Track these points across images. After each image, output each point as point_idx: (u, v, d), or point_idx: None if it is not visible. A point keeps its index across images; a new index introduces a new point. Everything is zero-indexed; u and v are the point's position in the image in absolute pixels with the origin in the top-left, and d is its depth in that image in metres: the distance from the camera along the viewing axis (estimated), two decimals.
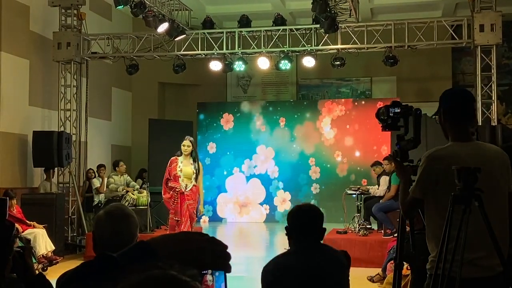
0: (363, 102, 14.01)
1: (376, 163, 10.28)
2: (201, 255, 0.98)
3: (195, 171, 7.83)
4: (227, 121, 14.26)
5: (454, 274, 2.67)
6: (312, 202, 13.39)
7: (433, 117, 3.06)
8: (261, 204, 14.10)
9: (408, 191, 3.00)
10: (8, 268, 2.04)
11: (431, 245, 2.98)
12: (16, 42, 10.62)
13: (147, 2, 10.02)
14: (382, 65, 11.49)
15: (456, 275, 2.60)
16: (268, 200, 14.07)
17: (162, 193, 8.13)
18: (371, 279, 7.48)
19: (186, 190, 7.81)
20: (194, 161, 7.89)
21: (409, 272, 5.57)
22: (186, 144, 7.85)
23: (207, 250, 0.99)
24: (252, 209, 14.13)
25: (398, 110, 3.04)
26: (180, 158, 7.87)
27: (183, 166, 7.84)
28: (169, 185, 7.88)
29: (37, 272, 2.27)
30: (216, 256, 1.00)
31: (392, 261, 6.99)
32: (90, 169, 11.94)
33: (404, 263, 6.16)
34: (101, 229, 2.51)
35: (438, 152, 2.98)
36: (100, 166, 11.87)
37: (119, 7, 9.20)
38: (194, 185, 7.86)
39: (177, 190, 7.83)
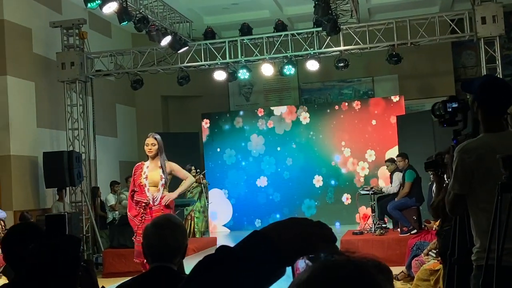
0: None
1: (390, 160, 10.26)
2: (312, 239, 1.00)
3: (163, 177, 6.11)
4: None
5: (505, 263, 2.68)
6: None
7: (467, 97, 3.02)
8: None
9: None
10: (77, 283, 2.06)
11: (475, 237, 2.99)
12: (21, 65, 10.65)
13: (150, 17, 10.06)
14: (383, 64, 11.51)
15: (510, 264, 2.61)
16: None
17: (128, 210, 6.42)
18: (396, 277, 7.47)
19: (155, 203, 6.08)
20: (163, 165, 6.15)
21: (439, 266, 5.57)
22: (150, 143, 6.10)
23: (316, 234, 1.01)
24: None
25: (456, 105, 3.01)
26: (146, 163, 6.20)
27: (149, 171, 6.12)
28: (135, 198, 6.16)
29: None
30: (325, 240, 1.01)
31: (416, 258, 7.01)
32: (96, 187, 11.87)
33: (435, 257, 6.17)
34: (149, 239, 2.61)
35: (469, 144, 2.97)
36: (113, 183, 11.85)
37: (123, 23, 9.23)
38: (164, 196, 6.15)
39: (143, 203, 6.09)
